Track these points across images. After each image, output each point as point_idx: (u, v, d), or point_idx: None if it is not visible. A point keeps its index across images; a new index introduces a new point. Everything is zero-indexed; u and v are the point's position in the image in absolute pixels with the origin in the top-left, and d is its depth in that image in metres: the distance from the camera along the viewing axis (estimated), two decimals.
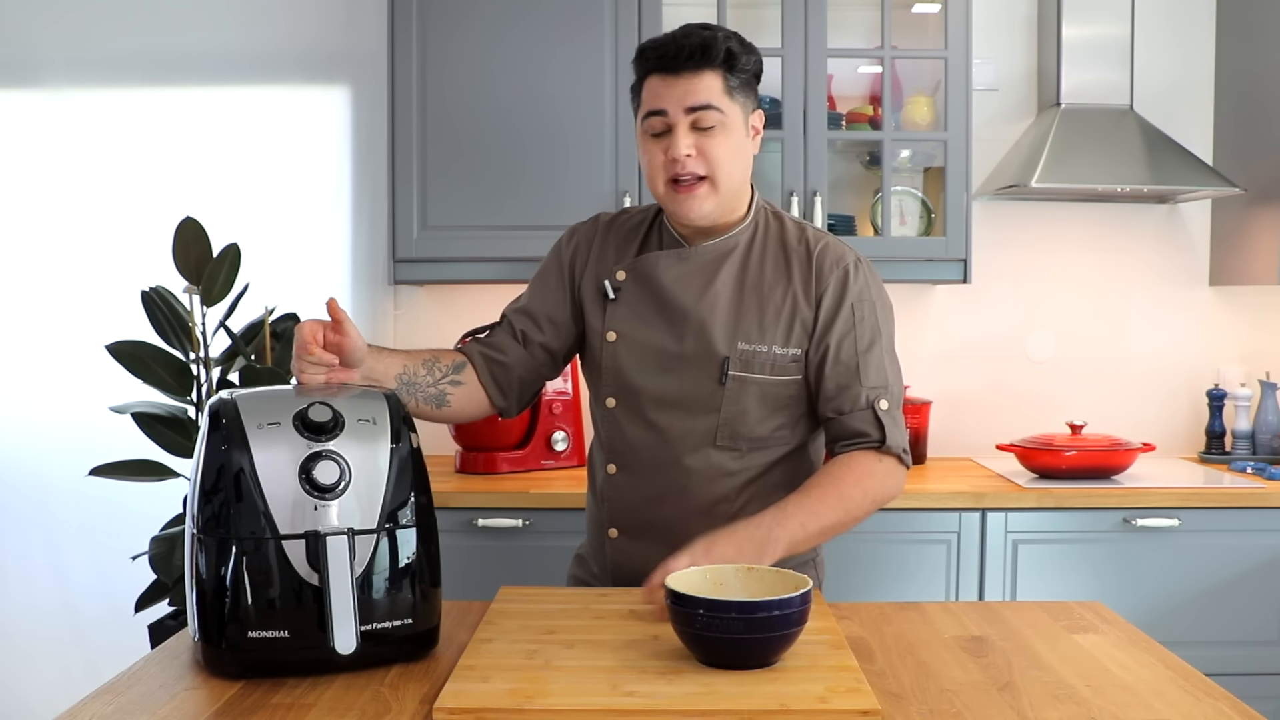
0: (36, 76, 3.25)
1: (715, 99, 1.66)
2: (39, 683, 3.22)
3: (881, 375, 1.71)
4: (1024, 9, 3.27)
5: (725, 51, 1.66)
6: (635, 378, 1.76)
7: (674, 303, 1.74)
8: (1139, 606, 2.66)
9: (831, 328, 1.71)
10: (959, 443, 3.28)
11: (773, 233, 1.77)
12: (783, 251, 1.75)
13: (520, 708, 1.18)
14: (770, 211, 1.80)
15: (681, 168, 1.66)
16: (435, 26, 2.91)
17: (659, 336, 1.75)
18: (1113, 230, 3.31)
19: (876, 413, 1.69)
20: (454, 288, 3.20)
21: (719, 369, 1.71)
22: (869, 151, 3.18)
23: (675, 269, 1.75)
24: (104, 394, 2.78)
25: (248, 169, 3.23)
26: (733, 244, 1.75)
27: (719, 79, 1.66)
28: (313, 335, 1.56)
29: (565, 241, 1.88)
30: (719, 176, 1.68)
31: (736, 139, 1.69)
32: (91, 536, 3.22)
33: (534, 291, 1.88)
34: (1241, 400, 3.16)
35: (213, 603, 1.30)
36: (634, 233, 1.83)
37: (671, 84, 1.66)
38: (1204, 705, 1.26)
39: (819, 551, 1.87)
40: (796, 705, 1.19)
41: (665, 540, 1.71)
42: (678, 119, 1.66)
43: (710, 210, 1.70)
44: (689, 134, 1.66)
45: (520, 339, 1.84)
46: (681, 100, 1.65)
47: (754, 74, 1.73)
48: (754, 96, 1.74)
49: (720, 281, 1.73)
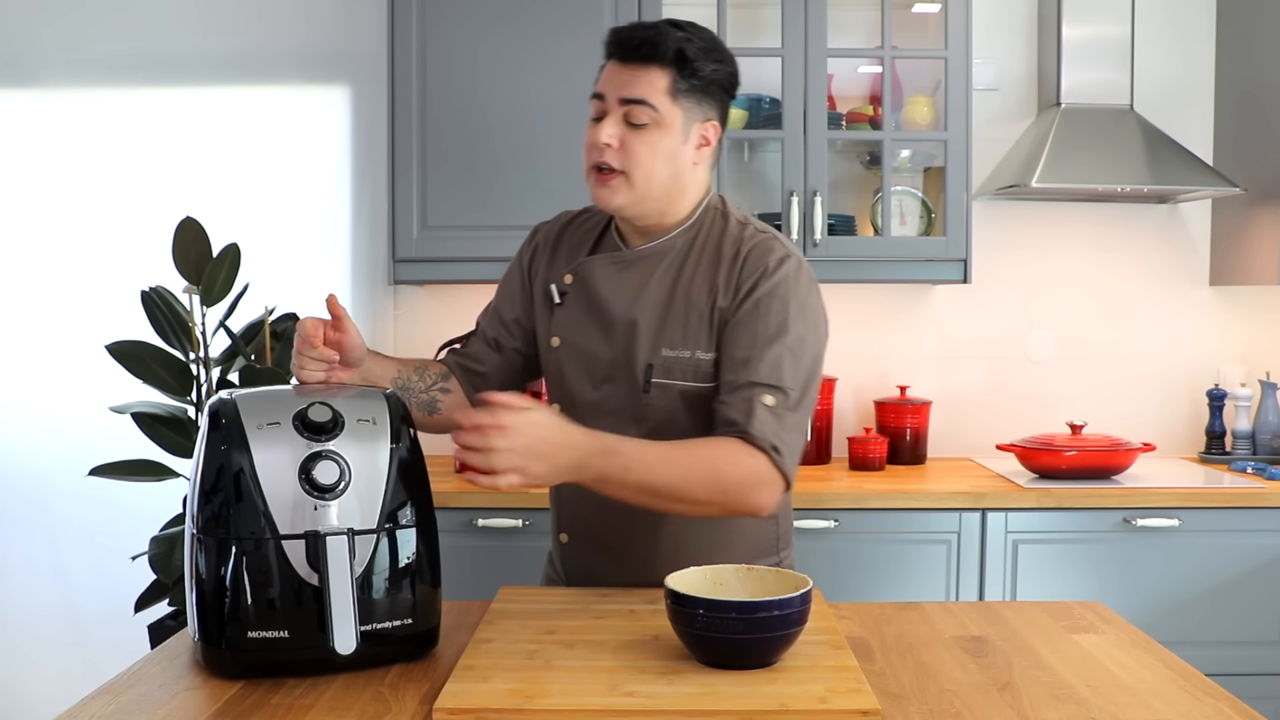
0: (36, 76, 3.25)
1: (653, 96, 1.60)
2: (39, 683, 3.22)
3: (776, 373, 1.58)
4: (1024, 9, 3.27)
5: (676, 51, 1.59)
6: (574, 386, 1.72)
7: (607, 309, 1.69)
8: (1139, 606, 2.66)
9: (736, 319, 1.62)
10: (959, 443, 3.28)
11: (713, 235, 1.69)
12: (717, 254, 1.67)
13: (520, 708, 1.18)
14: (720, 213, 1.71)
15: (600, 155, 1.61)
16: (435, 26, 2.91)
17: (594, 343, 1.70)
18: (1113, 230, 3.31)
19: (754, 404, 1.56)
20: (454, 288, 3.20)
21: (643, 377, 1.65)
22: (869, 151, 3.18)
23: (610, 273, 1.70)
24: (104, 394, 2.78)
25: (248, 169, 3.23)
26: (668, 247, 1.69)
27: (665, 77, 1.60)
28: (315, 329, 1.57)
29: (527, 243, 1.85)
30: (635, 175, 1.61)
31: (669, 142, 1.62)
32: (91, 536, 3.22)
33: (501, 295, 1.85)
34: (1242, 400, 3.15)
35: (212, 603, 1.30)
36: (589, 234, 1.78)
37: (618, 71, 1.62)
38: (1204, 705, 1.26)
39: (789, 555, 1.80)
40: (796, 705, 1.19)
41: (612, 548, 1.72)
42: (612, 107, 1.62)
43: (623, 204, 1.64)
44: (618, 124, 1.61)
45: (495, 346, 1.82)
46: (619, 89, 1.61)
47: (718, 84, 1.65)
48: (713, 106, 1.66)
49: (652, 287, 1.67)
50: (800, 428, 1.60)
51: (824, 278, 2.94)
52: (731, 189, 3.10)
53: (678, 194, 1.67)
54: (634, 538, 1.69)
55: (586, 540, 1.76)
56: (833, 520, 2.68)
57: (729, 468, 1.53)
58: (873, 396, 3.24)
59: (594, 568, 1.74)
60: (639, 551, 1.70)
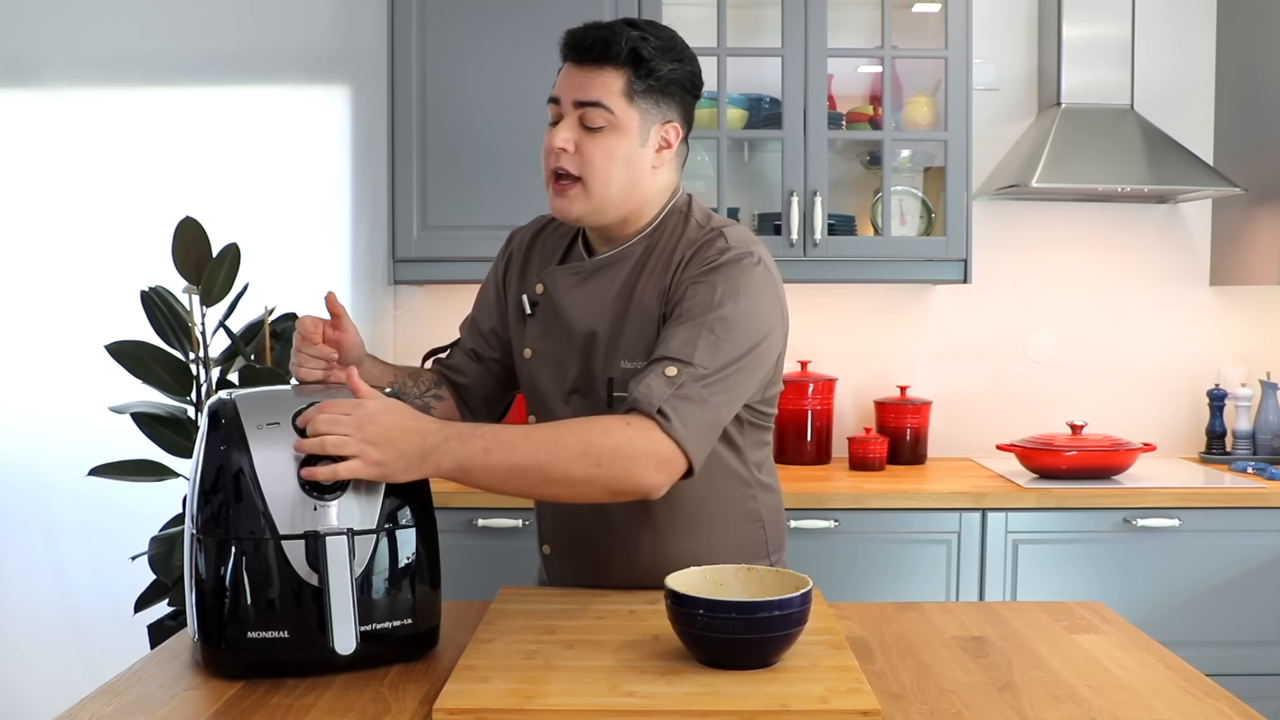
0: (36, 76, 3.25)
1: (608, 98, 1.54)
2: (39, 683, 3.22)
3: (686, 349, 1.46)
4: (1024, 9, 3.27)
5: (631, 51, 1.53)
6: (547, 398, 1.68)
7: (569, 322, 1.64)
8: (1139, 607, 2.66)
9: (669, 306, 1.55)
10: (959, 443, 3.28)
11: (671, 240, 1.62)
12: (671, 259, 1.59)
13: (520, 708, 1.18)
14: (683, 216, 1.64)
15: (556, 160, 1.56)
16: (435, 26, 2.91)
17: (563, 356, 1.66)
18: (1113, 230, 3.31)
19: (650, 374, 1.45)
20: (454, 288, 3.19)
21: (605, 391, 1.60)
22: (869, 151, 3.18)
23: (570, 285, 1.65)
24: (104, 394, 2.78)
25: (248, 169, 3.23)
26: (627, 255, 1.63)
27: (620, 78, 1.55)
28: (314, 328, 1.57)
29: (502, 250, 1.81)
30: (592, 181, 1.56)
31: (626, 145, 1.56)
32: (91, 536, 3.22)
33: (478, 306, 1.83)
34: (1242, 400, 3.15)
35: (212, 603, 1.30)
36: (560, 241, 1.73)
37: (573, 74, 1.57)
38: (1204, 705, 1.26)
39: (780, 559, 1.77)
40: (796, 705, 1.18)
41: (592, 561, 1.70)
42: (567, 110, 1.56)
43: (581, 214, 1.59)
44: (573, 128, 1.56)
45: (475, 357, 1.81)
46: (574, 92, 1.56)
47: (678, 83, 1.59)
48: (673, 107, 1.60)
49: (609, 298, 1.62)
50: (707, 403, 1.45)
51: (824, 278, 2.99)
52: (731, 189, 3.10)
53: (639, 199, 1.61)
54: (613, 549, 1.67)
55: (568, 551, 1.74)
56: (833, 520, 2.67)
57: (602, 437, 1.39)
58: (873, 396, 3.23)
59: (576, 578, 1.73)
60: (619, 563, 1.67)
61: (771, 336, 1.56)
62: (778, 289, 1.60)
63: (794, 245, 2.92)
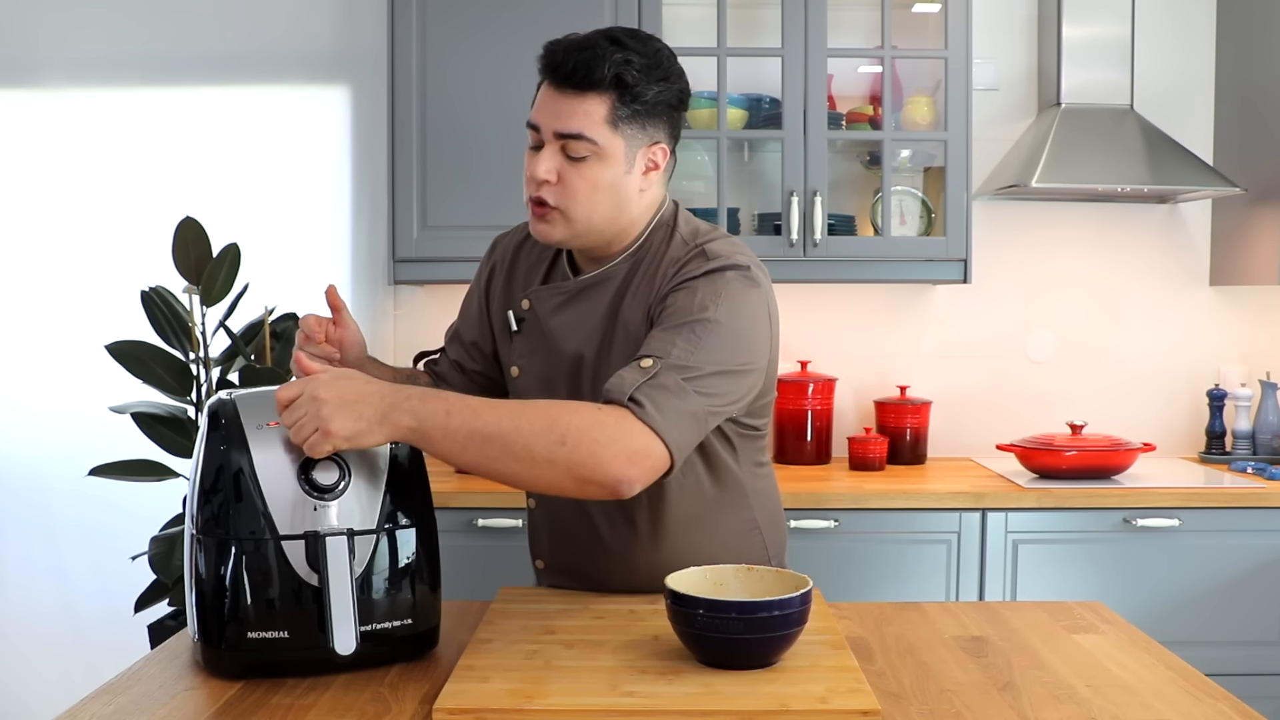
0: (36, 76, 3.25)
1: (591, 129, 1.47)
2: (39, 683, 3.22)
3: (664, 347, 1.41)
4: (1024, 9, 3.27)
5: (614, 77, 1.46)
6: None
7: (556, 343, 1.61)
8: (1139, 606, 2.66)
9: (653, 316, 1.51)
10: (959, 443, 3.28)
11: (657, 257, 1.56)
12: (655, 277, 1.54)
13: (520, 708, 1.18)
14: (669, 230, 1.59)
15: (537, 190, 1.52)
16: (435, 26, 2.91)
17: (551, 375, 1.62)
18: (1113, 230, 3.31)
19: (625, 368, 1.41)
20: (454, 288, 3.19)
21: None
22: (869, 151, 3.18)
23: (555, 306, 1.61)
24: (104, 394, 2.78)
25: (248, 169, 3.23)
26: (612, 274, 1.58)
27: (604, 105, 1.48)
28: (317, 326, 1.57)
29: (486, 258, 1.77)
30: (573, 212, 1.51)
31: (611, 174, 1.50)
32: (91, 537, 3.22)
33: (462, 316, 1.81)
34: (1242, 400, 3.15)
35: (212, 603, 1.30)
36: (546, 252, 1.68)
37: (553, 99, 1.50)
38: (1204, 705, 1.26)
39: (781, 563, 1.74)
40: (796, 705, 1.18)
41: (586, 577, 1.67)
42: (549, 139, 1.50)
43: (562, 239, 1.55)
44: (555, 157, 1.50)
45: (458, 368, 1.80)
46: (554, 122, 1.49)
47: (665, 104, 1.52)
48: (660, 128, 1.53)
49: (594, 319, 1.58)
50: (686, 395, 1.38)
51: (824, 278, 2.99)
52: (732, 189, 3.10)
53: (625, 222, 1.56)
54: (607, 565, 1.64)
55: (561, 568, 1.72)
56: (833, 520, 2.67)
57: (570, 414, 1.33)
58: (873, 396, 3.23)
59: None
60: (613, 580, 1.65)
61: (756, 341, 1.50)
62: (765, 296, 1.54)
63: (794, 245, 2.92)
